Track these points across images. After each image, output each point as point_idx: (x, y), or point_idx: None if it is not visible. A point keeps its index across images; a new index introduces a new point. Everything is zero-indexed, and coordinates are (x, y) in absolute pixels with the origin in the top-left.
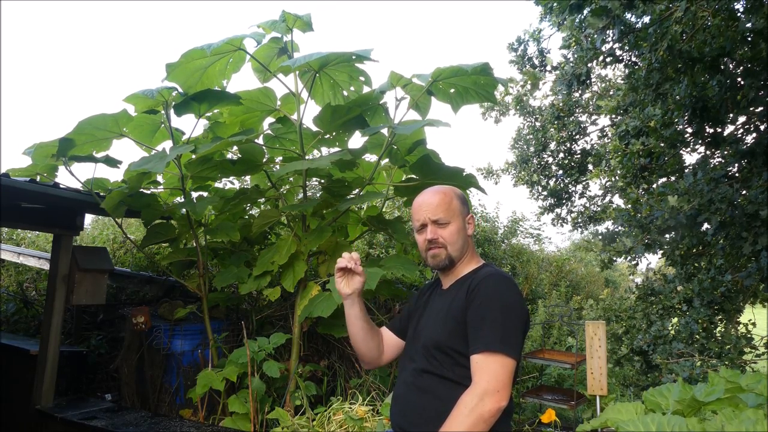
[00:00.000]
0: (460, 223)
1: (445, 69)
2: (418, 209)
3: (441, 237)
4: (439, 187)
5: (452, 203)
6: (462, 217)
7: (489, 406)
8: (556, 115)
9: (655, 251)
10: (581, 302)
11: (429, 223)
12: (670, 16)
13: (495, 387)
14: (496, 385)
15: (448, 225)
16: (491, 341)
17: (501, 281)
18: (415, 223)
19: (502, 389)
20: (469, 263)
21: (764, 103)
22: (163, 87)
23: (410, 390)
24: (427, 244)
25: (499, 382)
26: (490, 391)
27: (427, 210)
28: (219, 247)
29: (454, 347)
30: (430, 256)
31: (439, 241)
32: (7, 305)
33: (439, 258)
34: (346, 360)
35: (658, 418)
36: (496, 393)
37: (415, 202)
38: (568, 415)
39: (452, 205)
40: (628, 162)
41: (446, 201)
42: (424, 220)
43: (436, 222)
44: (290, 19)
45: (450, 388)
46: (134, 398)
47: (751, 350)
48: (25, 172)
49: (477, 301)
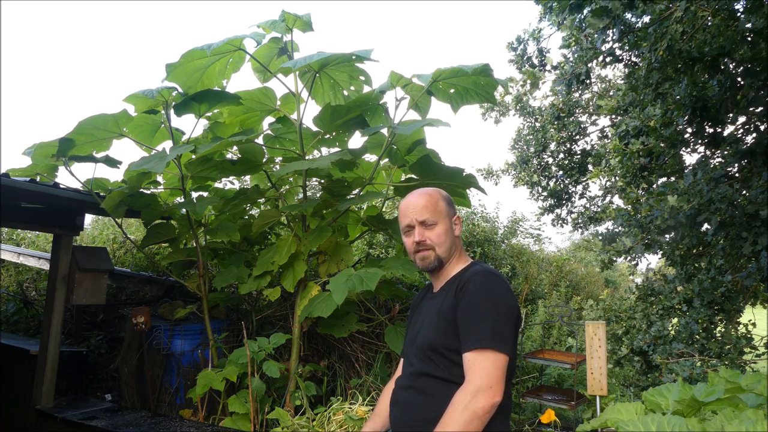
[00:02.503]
0: (447, 224)
1: (445, 69)
2: (404, 211)
3: (428, 239)
4: (424, 189)
5: (438, 204)
6: (449, 217)
7: (482, 403)
8: (556, 116)
9: (655, 251)
10: (581, 302)
11: (416, 224)
12: (670, 16)
13: (487, 383)
14: (488, 381)
15: (435, 226)
16: (482, 338)
17: (489, 277)
18: (403, 225)
19: (495, 385)
20: (458, 263)
21: (764, 103)
22: (163, 87)
23: (408, 393)
24: (415, 246)
25: (492, 378)
26: (483, 387)
27: (414, 211)
28: (219, 247)
29: (449, 347)
30: (419, 258)
31: (427, 243)
32: (7, 305)
33: (428, 260)
34: (346, 360)
35: (658, 418)
36: (489, 389)
37: (401, 204)
38: (568, 415)
39: (438, 206)
40: (628, 162)
41: (432, 202)
42: (410, 221)
43: (423, 223)
44: (290, 19)
45: (447, 389)
46: (134, 398)
47: (751, 350)
48: (25, 172)
49: (466, 299)
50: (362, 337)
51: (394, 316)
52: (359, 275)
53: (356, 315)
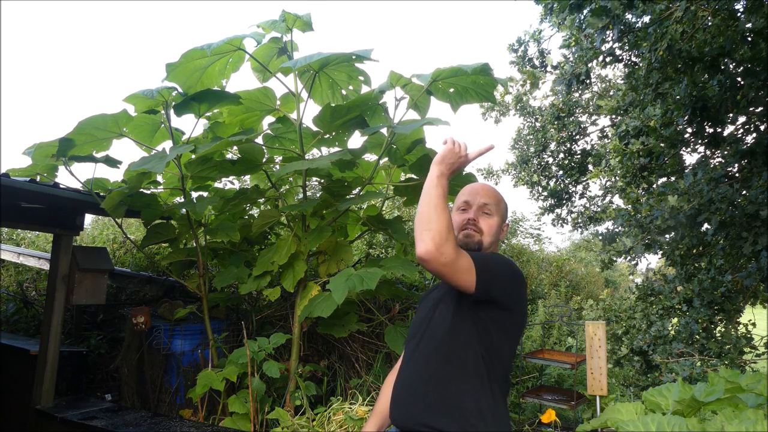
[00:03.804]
0: (500, 222)
1: (444, 69)
2: (469, 191)
3: (481, 223)
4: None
5: (501, 202)
6: (502, 219)
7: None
8: (556, 116)
9: (655, 251)
10: (581, 302)
11: (476, 205)
12: (670, 16)
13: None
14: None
15: (491, 217)
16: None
17: (499, 255)
18: (459, 201)
19: (441, 243)
20: None
21: (764, 103)
22: (163, 87)
23: (415, 376)
24: (465, 223)
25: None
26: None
27: (479, 194)
28: (219, 247)
29: (459, 327)
30: (463, 234)
31: (478, 225)
32: (7, 305)
33: (472, 240)
34: (346, 360)
35: (658, 418)
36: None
37: (466, 186)
38: (568, 415)
39: (501, 204)
40: (628, 162)
41: (498, 197)
42: (471, 200)
43: (484, 207)
44: (290, 18)
45: (456, 368)
46: (134, 398)
47: (751, 350)
48: (25, 172)
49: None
50: (362, 337)
51: (394, 316)
52: (359, 275)
53: (356, 315)
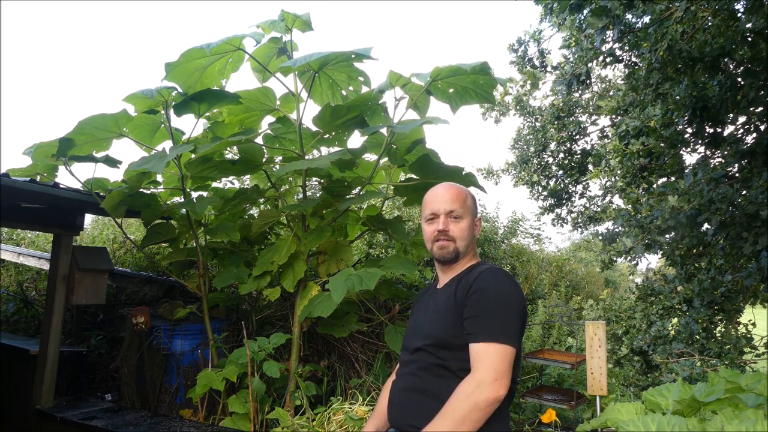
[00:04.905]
0: (470, 221)
1: (444, 68)
2: (432, 199)
3: (451, 230)
4: (454, 183)
5: (467, 200)
6: (473, 216)
7: (486, 395)
8: (556, 116)
9: (655, 251)
10: (581, 302)
11: (442, 214)
12: (670, 16)
13: (493, 376)
14: (494, 374)
15: (460, 220)
16: (490, 330)
17: (499, 274)
18: (426, 212)
19: (501, 378)
20: (468, 261)
21: (764, 103)
22: (163, 87)
23: (409, 387)
24: (436, 235)
25: (498, 371)
26: (488, 379)
27: (443, 201)
28: (219, 247)
29: (454, 341)
30: (437, 247)
31: (449, 234)
32: (7, 305)
33: (446, 250)
34: (346, 360)
35: (658, 418)
36: (494, 382)
37: (429, 192)
38: (568, 415)
39: (467, 202)
40: (628, 162)
41: (462, 197)
42: (437, 210)
43: (450, 213)
44: (289, 18)
45: (450, 382)
46: (134, 398)
47: (751, 350)
48: (25, 172)
49: (476, 294)
50: (362, 337)
51: (394, 316)
52: (359, 275)
53: (356, 315)
